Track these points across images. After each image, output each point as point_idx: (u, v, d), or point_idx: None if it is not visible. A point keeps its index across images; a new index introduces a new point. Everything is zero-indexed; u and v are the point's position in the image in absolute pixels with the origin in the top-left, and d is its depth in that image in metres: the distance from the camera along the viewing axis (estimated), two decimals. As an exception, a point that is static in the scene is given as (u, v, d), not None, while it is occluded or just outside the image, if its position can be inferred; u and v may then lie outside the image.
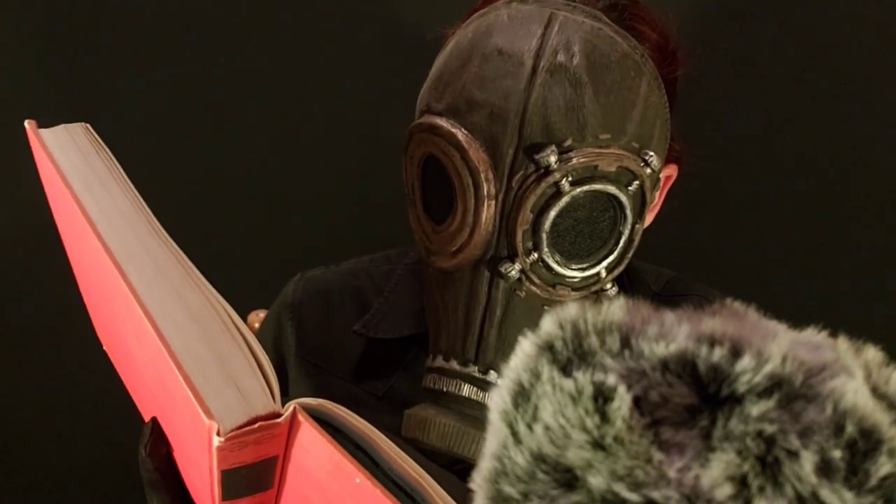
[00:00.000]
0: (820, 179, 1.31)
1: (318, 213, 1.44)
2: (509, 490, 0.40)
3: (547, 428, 0.39)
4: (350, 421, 0.57)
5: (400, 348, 0.90)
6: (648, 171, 0.75)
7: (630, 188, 0.74)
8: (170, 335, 0.55)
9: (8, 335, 1.52)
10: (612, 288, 0.78)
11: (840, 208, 1.31)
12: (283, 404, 0.56)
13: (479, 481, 0.42)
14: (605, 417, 0.38)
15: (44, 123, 0.73)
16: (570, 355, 0.41)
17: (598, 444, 0.38)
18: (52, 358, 1.46)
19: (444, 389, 0.75)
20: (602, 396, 0.38)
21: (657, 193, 0.83)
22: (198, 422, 0.53)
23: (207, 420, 0.52)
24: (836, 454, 0.37)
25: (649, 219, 0.86)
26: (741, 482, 0.36)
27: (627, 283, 0.93)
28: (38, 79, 1.43)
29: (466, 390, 0.74)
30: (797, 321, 0.43)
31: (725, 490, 0.36)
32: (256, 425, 0.53)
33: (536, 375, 0.41)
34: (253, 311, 1.18)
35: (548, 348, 0.41)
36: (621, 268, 0.77)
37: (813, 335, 0.42)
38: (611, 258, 0.76)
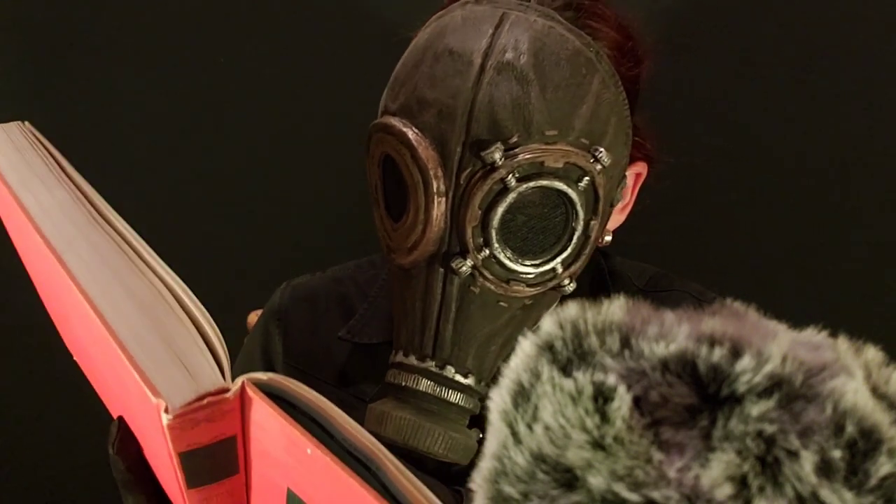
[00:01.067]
0: (820, 179, 1.31)
1: (318, 213, 1.44)
2: (509, 490, 0.40)
3: (547, 428, 0.39)
4: (302, 394, 0.57)
5: (385, 352, 0.90)
6: (599, 167, 0.75)
7: (580, 184, 0.75)
8: (113, 320, 0.56)
9: (8, 335, 1.52)
10: (569, 284, 0.79)
11: (840, 208, 1.31)
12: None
13: (479, 481, 0.42)
14: (605, 417, 0.38)
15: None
16: (570, 355, 0.41)
17: (598, 444, 0.38)
18: (53, 358, 1.46)
19: (403, 384, 0.76)
20: (602, 396, 0.38)
21: (625, 191, 0.83)
22: (147, 403, 0.54)
23: (154, 399, 0.53)
24: (836, 454, 0.37)
25: (622, 217, 0.87)
26: (741, 482, 0.36)
27: (610, 281, 0.93)
28: (38, 79, 1.43)
29: (423, 385, 0.75)
30: (797, 321, 0.43)
31: (725, 490, 0.36)
32: (205, 401, 0.54)
33: (536, 375, 0.41)
34: (253, 311, 1.18)
35: (548, 348, 0.41)
36: (579, 263, 0.78)
37: (813, 335, 0.42)
38: (565, 254, 0.76)
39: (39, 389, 1.52)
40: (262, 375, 0.56)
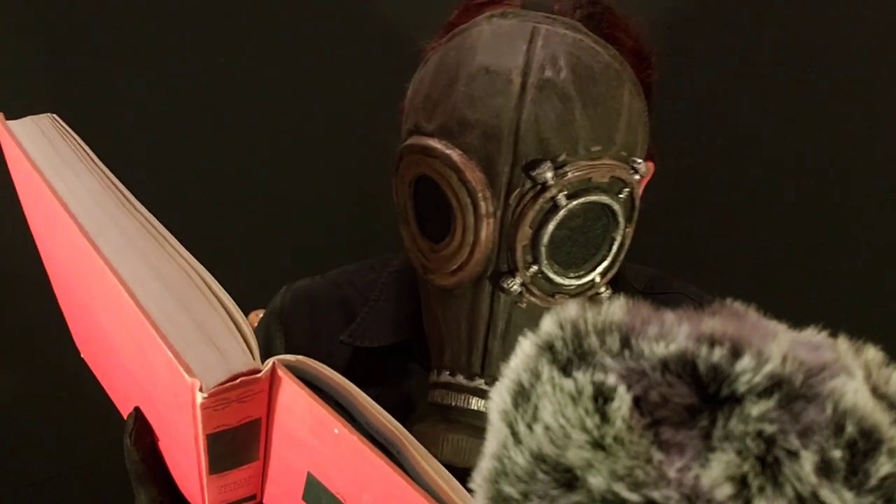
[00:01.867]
0: (820, 179, 1.31)
1: (318, 213, 1.44)
2: (509, 490, 0.40)
3: (547, 428, 0.39)
4: (329, 377, 0.58)
5: (386, 356, 0.90)
6: (637, 177, 0.76)
7: (621, 196, 0.75)
8: (146, 302, 0.57)
9: (9, 335, 1.52)
10: (606, 290, 0.79)
11: (840, 208, 1.31)
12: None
13: (479, 481, 0.42)
14: (605, 417, 0.38)
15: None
16: (570, 355, 0.41)
17: (598, 444, 0.38)
18: (53, 358, 1.46)
19: (453, 404, 0.75)
20: (602, 396, 0.38)
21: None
22: (180, 383, 0.55)
23: (189, 378, 0.54)
24: (836, 454, 0.37)
25: None
26: (741, 482, 0.36)
27: (611, 283, 0.94)
28: (38, 79, 1.43)
29: (475, 403, 0.75)
30: (797, 321, 0.43)
31: (725, 490, 0.36)
32: (238, 381, 0.55)
33: (536, 375, 0.41)
34: (253, 311, 1.18)
35: (548, 348, 0.41)
36: (614, 271, 0.79)
37: (813, 335, 0.42)
38: (605, 264, 0.77)
39: (40, 390, 1.52)
40: (290, 358, 0.57)
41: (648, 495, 0.36)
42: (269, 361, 0.57)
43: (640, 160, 0.76)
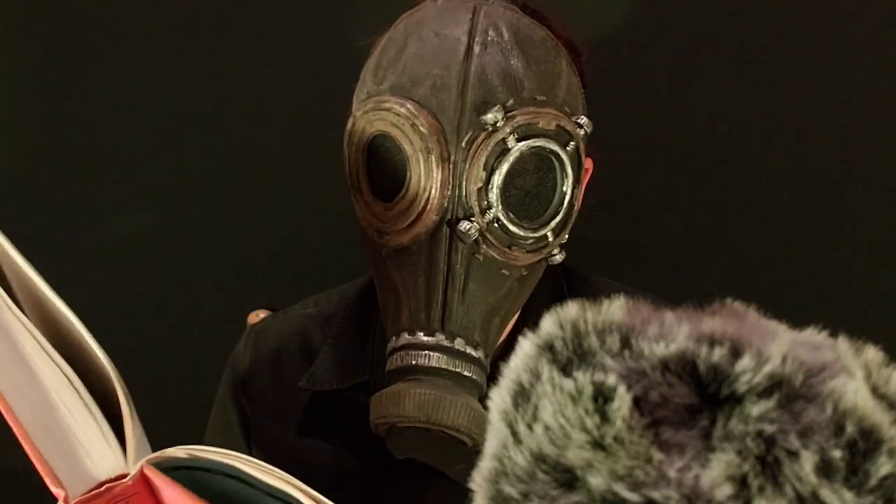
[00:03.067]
0: (821, 179, 1.31)
1: (319, 213, 1.44)
2: (509, 490, 0.40)
3: (547, 428, 0.39)
4: (210, 453, 0.57)
5: (346, 398, 0.89)
6: (581, 132, 0.80)
7: (568, 147, 0.78)
8: (20, 410, 0.55)
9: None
10: (559, 254, 0.82)
11: (840, 208, 1.31)
12: None
13: (479, 481, 0.42)
14: (605, 417, 0.38)
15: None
16: (570, 355, 0.41)
17: (598, 444, 0.38)
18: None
19: (413, 363, 0.73)
20: (602, 396, 0.38)
21: (577, 191, 0.85)
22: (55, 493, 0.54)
23: (55, 489, 0.53)
24: (836, 454, 0.37)
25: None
26: (741, 482, 0.36)
27: (568, 294, 0.93)
28: (39, 79, 1.43)
29: (436, 360, 0.73)
30: (797, 321, 0.43)
31: (725, 490, 0.36)
32: (103, 488, 0.54)
33: (536, 375, 0.41)
34: (253, 311, 1.18)
35: (548, 348, 0.41)
36: (565, 233, 0.81)
37: (813, 335, 0.42)
38: (556, 219, 0.79)
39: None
40: (156, 455, 0.56)
41: (648, 495, 0.36)
42: (138, 464, 0.55)
43: (584, 118, 0.80)
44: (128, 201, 1.45)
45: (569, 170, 0.78)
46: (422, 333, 0.74)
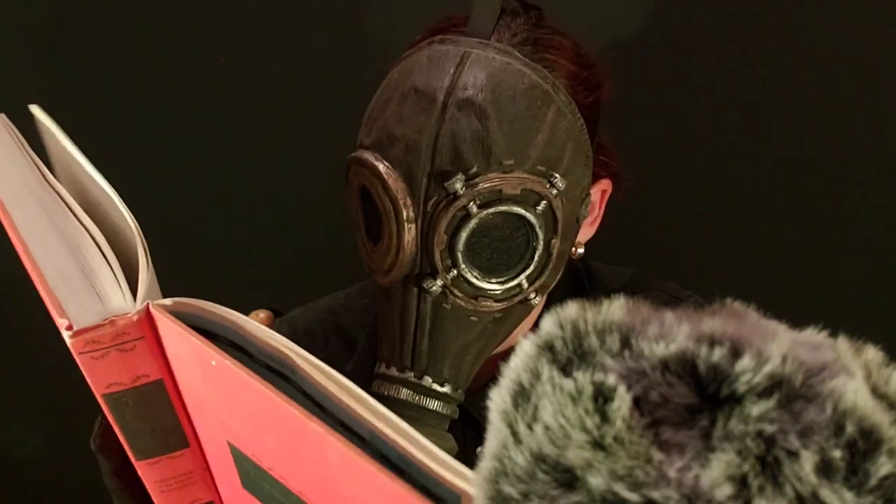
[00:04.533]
0: (820, 179, 1.31)
1: (319, 213, 1.44)
2: (509, 490, 0.40)
3: (547, 428, 0.39)
4: (216, 314, 0.59)
5: None
6: (555, 191, 0.81)
7: (538, 208, 0.80)
8: (39, 256, 0.59)
9: (9, 335, 1.52)
10: (535, 297, 0.85)
11: (840, 208, 1.31)
12: None
13: (479, 481, 0.42)
14: (605, 417, 0.38)
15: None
16: (570, 355, 0.41)
17: (598, 444, 0.38)
18: (52, 357, 1.46)
19: (386, 393, 0.82)
20: (602, 396, 0.38)
21: (591, 207, 0.89)
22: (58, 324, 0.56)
23: (59, 318, 0.56)
24: (836, 454, 0.37)
25: (591, 231, 0.92)
26: (741, 482, 0.36)
27: (588, 286, 0.98)
28: (39, 79, 1.43)
29: (404, 394, 0.81)
30: (797, 321, 0.43)
31: (725, 490, 0.36)
32: (107, 321, 0.56)
33: (536, 375, 0.41)
34: (253, 311, 1.18)
35: (548, 348, 0.41)
36: (544, 278, 0.83)
37: (813, 335, 0.42)
38: (528, 271, 0.82)
39: (40, 391, 1.52)
40: (167, 301, 0.58)
41: (648, 495, 0.36)
42: (145, 302, 0.58)
43: (558, 175, 0.80)
44: (127, 200, 1.45)
45: (538, 230, 0.80)
46: (395, 368, 0.82)
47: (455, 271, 0.80)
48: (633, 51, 1.26)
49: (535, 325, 0.44)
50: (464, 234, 0.79)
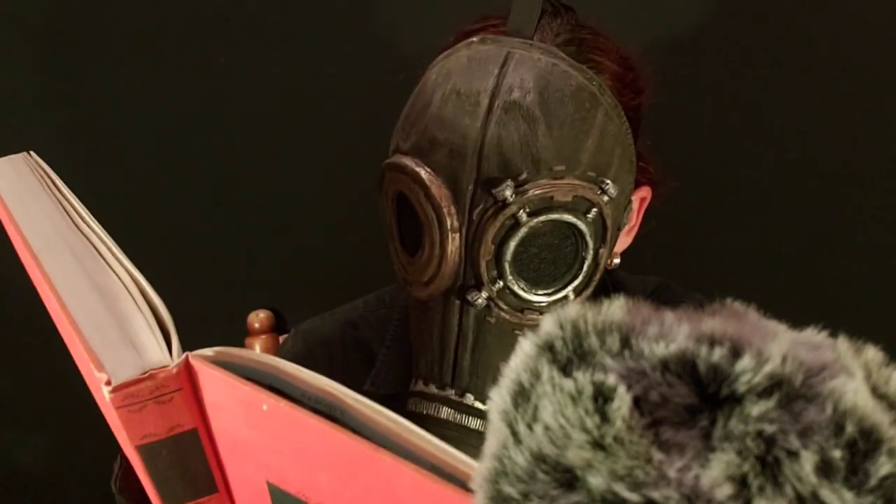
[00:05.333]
0: (822, 180, 1.31)
1: (319, 213, 1.44)
2: (509, 490, 0.40)
3: (547, 428, 0.39)
4: (254, 360, 0.58)
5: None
6: (606, 198, 0.77)
7: (589, 216, 0.77)
8: (72, 305, 0.58)
9: (8, 335, 1.52)
10: None
11: (840, 208, 1.31)
12: None
13: (479, 481, 0.42)
14: (605, 417, 0.38)
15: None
16: (570, 355, 0.41)
17: (598, 444, 0.38)
18: (52, 361, 1.46)
19: (424, 412, 0.78)
20: (602, 396, 0.38)
21: (631, 215, 0.85)
22: (94, 381, 0.56)
23: (98, 373, 0.55)
24: (836, 454, 0.37)
25: (628, 239, 0.89)
26: (741, 482, 0.36)
27: (612, 293, 0.94)
28: (40, 79, 1.43)
29: (445, 413, 0.77)
30: (797, 321, 0.43)
31: (725, 490, 0.36)
32: (146, 374, 0.55)
33: (536, 375, 0.41)
34: (253, 311, 1.18)
35: (548, 348, 0.41)
36: (590, 290, 0.80)
37: (813, 335, 0.42)
38: (576, 282, 0.79)
39: (39, 392, 1.52)
40: (208, 351, 0.57)
41: (648, 495, 0.36)
42: (184, 355, 0.57)
43: (609, 181, 0.77)
44: (127, 200, 1.45)
45: (588, 238, 0.77)
46: (434, 386, 0.78)
47: (501, 283, 0.77)
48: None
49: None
50: (512, 244, 0.76)
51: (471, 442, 0.76)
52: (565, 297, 0.79)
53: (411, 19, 0.94)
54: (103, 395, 0.56)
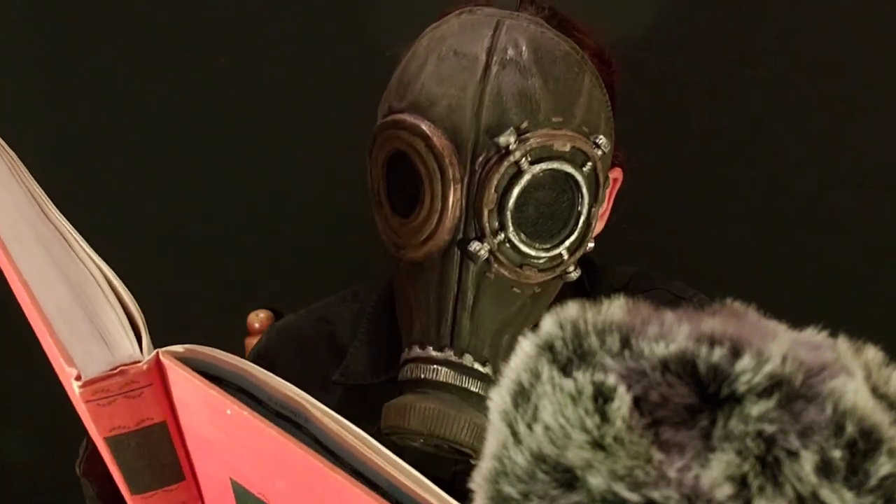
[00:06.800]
0: (820, 179, 1.31)
1: (319, 213, 1.44)
2: (509, 490, 0.40)
3: (547, 428, 0.39)
4: (224, 360, 0.58)
5: (378, 392, 0.89)
6: (600, 152, 0.80)
7: (584, 168, 0.79)
8: (42, 296, 0.58)
9: (7, 335, 1.52)
10: (574, 270, 0.83)
11: (840, 208, 1.31)
12: None
13: (479, 481, 0.42)
14: (605, 417, 0.38)
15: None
16: (570, 355, 0.41)
17: (598, 444, 0.38)
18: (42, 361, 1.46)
19: (422, 376, 0.76)
20: (602, 396, 0.38)
21: (605, 193, 0.86)
22: (64, 374, 0.56)
23: (68, 367, 0.55)
24: (836, 454, 0.37)
25: (601, 223, 0.89)
26: (741, 482, 0.36)
27: (588, 284, 0.94)
28: (40, 79, 1.43)
29: (443, 374, 0.75)
30: (797, 321, 0.43)
31: (725, 490, 0.36)
32: (117, 370, 0.55)
33: (536, 375, 0.41)
34: (253, 311, 1.18)
35: (548, 348, 0.41)
36: (581, 250, 0.81)
37: (813, 335, 0.42)
38: (571, 239, 0.80)
39: (38, 391, 1.52)
40: (179, 348, 0.57)
41: (648, 495, 0.36)
42: (154, 351, 0.57)
43: (602, 137, 0.80)
44: (127, 200, 1.45)
45: (584, 191, 0.79)
46: (431, 348, 0.77)
47: (502, 234, 0.77)
48: (633, 51, 1.26)
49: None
50: (515, 192, 0.76)
51: (472, 404, 0.75)
52: (560, 254, 0.79)
53: (411, 19, 0.94)
54: (73, 389, 0.56)
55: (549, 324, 0.42)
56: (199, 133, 1.44)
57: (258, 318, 1.14)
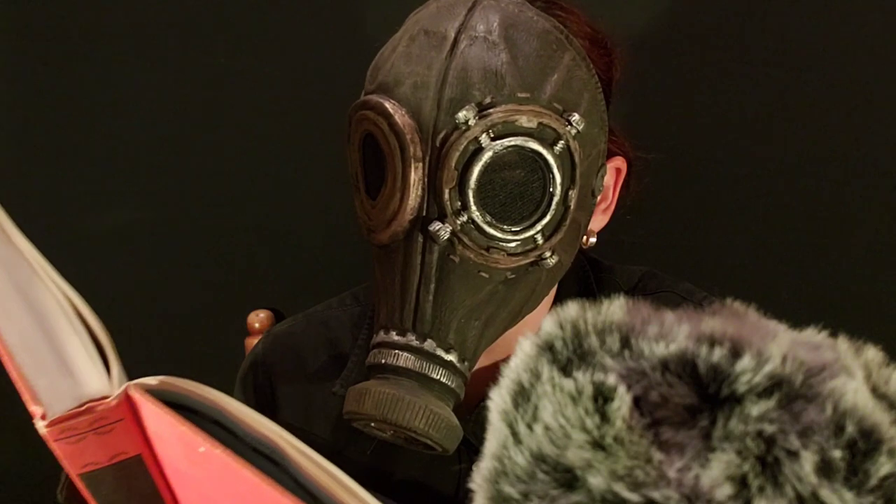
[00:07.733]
0: (820, 179, 1.31)
1: (319, 213, 1.44)
2: (509, 490, 0.40)
3: (547, 428, 0.39)
4: (200, 395, 0.55)
5: None
6: (573, 130, 0.75)
7: (556, 147, 0.75)
8: (3, 326, 0.55)
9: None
10: (551, 257, 0.77)
11: (840, 208, 1.31)
12: None
13: (479, 481, 0.42)
14: (605, 417, 0.38)
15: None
16: (570, 355, 0.41)
17: (598, 444, 0.38)
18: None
19: (383, 361, 0.73)
20: (602, 396, 0.38)
21: (606, 189, 0.83)
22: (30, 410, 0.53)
23: (33, 405, 0.52)
24: (836, 454, 0.37)
25: (604, 219, 0.86)
26: (741, 482, 0.36)
27: (595, 284, 0.92)
28: (41, 79, 1.43)
29: (403, 360, 0.73)
30: (797, 321, 0.43)
31: (725, 490, 0.36)
32: (85, 407, 0.53)
33: (536, 375, 0.41)
34: (253, 311, 1.18)
35: (548, 348, 0.41)
36: (559, 235, 0.77)
37: (813, 335, 0.42)
38: (544, 221, 0.75)
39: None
40: (152, 380, 0.54)
41: (648, 495, 0.36)
42: (123, 385, 0.54)
43: (577, 115, 0.75)
44: (127, 200, 1.45)
45: (555, 171, 0.74)
46: (394, 333, 0.74)
47: (465, 215, 0.73)
48: (632, 50, 1.26)
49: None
50: (476, 170, 0.73)
51: (433, 393, 0.73)
52: (533, 237, 0.75)
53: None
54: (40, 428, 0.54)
55: (549, 324, 0.43)
56: (199, 132, 1.44)
57: (258, 319, 1.14)
